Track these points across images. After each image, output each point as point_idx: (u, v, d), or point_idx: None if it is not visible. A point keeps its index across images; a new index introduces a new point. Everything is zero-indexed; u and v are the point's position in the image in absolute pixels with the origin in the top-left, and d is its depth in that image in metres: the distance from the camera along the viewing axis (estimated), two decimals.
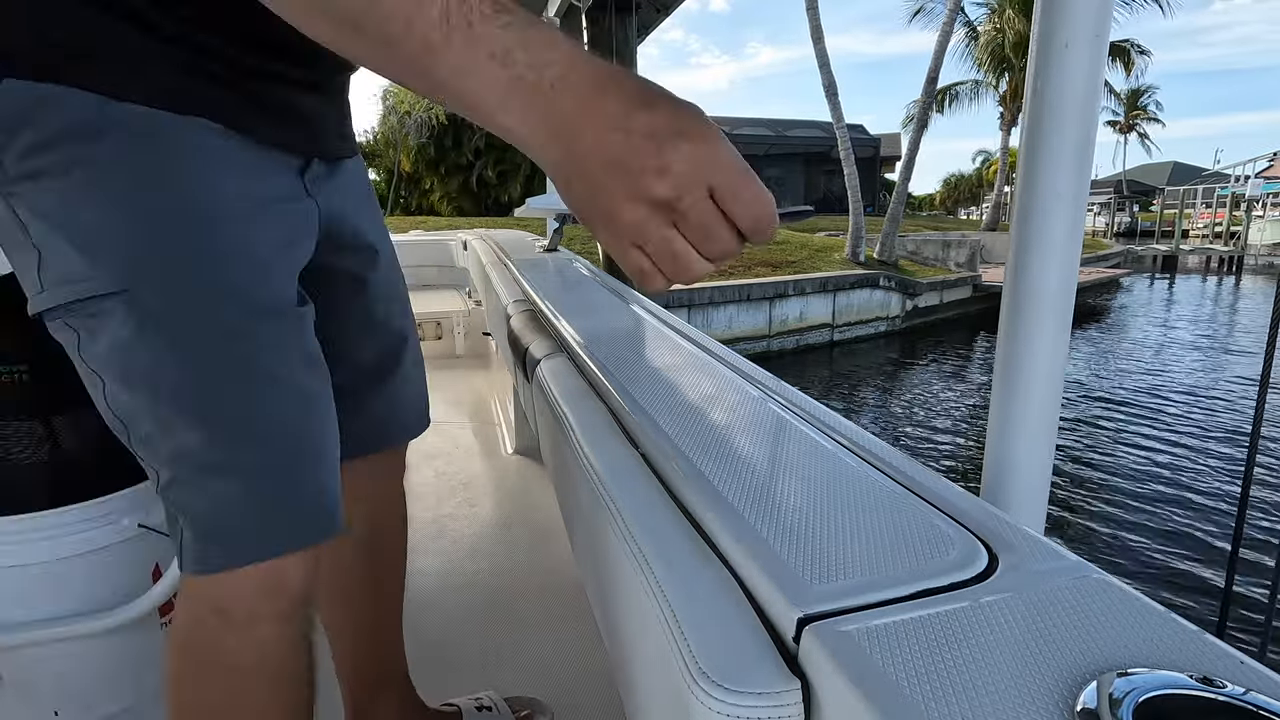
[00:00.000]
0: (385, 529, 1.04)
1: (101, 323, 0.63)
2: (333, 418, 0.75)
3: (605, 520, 0.59)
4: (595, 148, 0.41)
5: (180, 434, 0.65)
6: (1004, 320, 0.71)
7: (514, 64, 0.40)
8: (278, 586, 0.70)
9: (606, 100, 0.41)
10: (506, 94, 0.41)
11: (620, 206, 0.41)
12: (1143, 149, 42.42)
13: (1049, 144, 0.65)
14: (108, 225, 0.60)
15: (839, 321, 11.99)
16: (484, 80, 0.41)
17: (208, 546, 0.68)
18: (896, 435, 7.80)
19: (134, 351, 0.63)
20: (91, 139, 0.59)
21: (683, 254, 0.42)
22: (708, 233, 0.41)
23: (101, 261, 0.61)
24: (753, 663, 0.39)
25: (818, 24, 12.81)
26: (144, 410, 0.65)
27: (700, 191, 0.40)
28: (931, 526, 0.50)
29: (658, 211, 0.40)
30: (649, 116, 0.40)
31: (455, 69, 0.40)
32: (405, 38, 0.40)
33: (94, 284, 0.61)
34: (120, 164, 0.60)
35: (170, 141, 0.61)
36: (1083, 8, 0.62)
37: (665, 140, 0.40)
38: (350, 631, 1.04)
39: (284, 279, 0.69)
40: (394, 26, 0.40)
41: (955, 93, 26.30)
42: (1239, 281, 24.12)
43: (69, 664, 1.15)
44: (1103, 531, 5.28)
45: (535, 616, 1.56)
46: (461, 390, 3.26)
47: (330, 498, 0.73)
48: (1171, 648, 0.36)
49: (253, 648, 0.71)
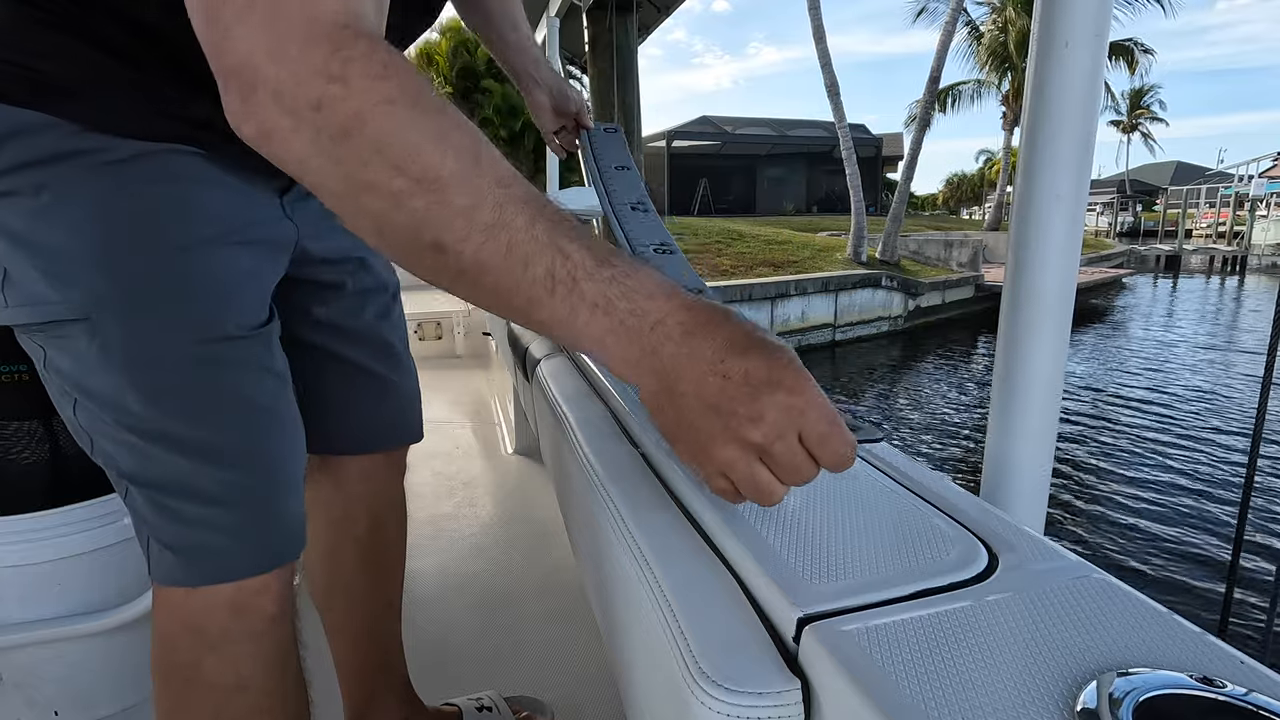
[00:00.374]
0: (385, 530, 1.04)
1: (66, 344, 0.63)
2: (299, 437, 0.75)
3: (605, 520, 0.59)
4: (693, 389, 0.43)
5: (142, 456, 0.65)
6: (1004, 320, 0.71)
7: (615, 312, 0.44)
8: (249, 605, 0.70)
9: (704, 344, 0.43)
10: (605, 335, 0.44)
11: (714, 445, 0.43)
12: (1146, 149, 42.41)
13: (1049, 144, 0.65)
14: (73, 251, 0.60)
15: (841, 321, 11.98)
16: (586, 326, 0.44)
17: (175, 563, 0.68)
18: (897, 435, 7.79)
19: (97, 375, 0.63)
20: (66, 164, 0.59)
21: (766, 484, 0.44)
22: (795, 471, 0.44)
23: (64, 287, 0.61)
24: (753, 663, 0.39)
25: (819, 23, 12.80)
26: (106, 431, 0.65)
27: (791, 438, 0.42)
28: (931, 526, 0.50)
29: (748, 451, 0.43)
30: (744, 363, 0.43)
31: (559, 319, 0.44)
32: (514, 293, 0.44)
33: (56, 309, 0.61)
34: (91, 191, 0.60)
35: (146, 169, 0.61)
36: (1083, 7, 0.62)
37: (760, 388, 0.42)
38: (350, 631, 1.04)
39: (253, 302, 0.69)
40: (504, 282, 0.43)
41: (958, 92, 26.31)
42: (1242, 281, 24.10)
43: (69, 664, 1.16)
44: (1103, 531, 5.27)
45: (535, 616, 1.56)
46: (461, 390, 3.27)
47: (295, 518, 0.73)
48: (1172, 648, 0.36)
49: (229, 666, 0.71)
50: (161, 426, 0.64)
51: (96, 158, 0.59)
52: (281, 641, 0.75)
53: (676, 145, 26.23)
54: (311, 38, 0.41)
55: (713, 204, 25.38)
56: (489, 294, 0.44)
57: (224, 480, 0.67)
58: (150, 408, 0.64)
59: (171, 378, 0.64)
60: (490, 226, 0.42)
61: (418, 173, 0.41)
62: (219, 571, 0.68)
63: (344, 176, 0.42)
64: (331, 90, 0.40)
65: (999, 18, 22.46)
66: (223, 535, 0.68)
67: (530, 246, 0.43)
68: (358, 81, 0.41)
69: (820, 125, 27.65)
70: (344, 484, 0.97)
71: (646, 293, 0.44)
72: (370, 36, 0.43)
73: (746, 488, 0.45)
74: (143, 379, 0.63)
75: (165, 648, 0.72)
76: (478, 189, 0.42)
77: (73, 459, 1.08)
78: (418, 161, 0.41)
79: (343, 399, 0.92)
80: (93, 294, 0.61)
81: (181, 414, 0.65)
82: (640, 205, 0.86)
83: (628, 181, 0.92)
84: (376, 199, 0.42)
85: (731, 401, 0.43)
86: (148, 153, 0.61)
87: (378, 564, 1.04)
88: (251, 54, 0.41)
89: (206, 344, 0.65)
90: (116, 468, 0.67)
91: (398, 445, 1.02)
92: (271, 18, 0.41)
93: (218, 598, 0.69)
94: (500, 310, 0.46)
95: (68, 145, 0.59)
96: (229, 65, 0.42)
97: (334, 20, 0.42)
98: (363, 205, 0.43)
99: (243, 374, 0.68)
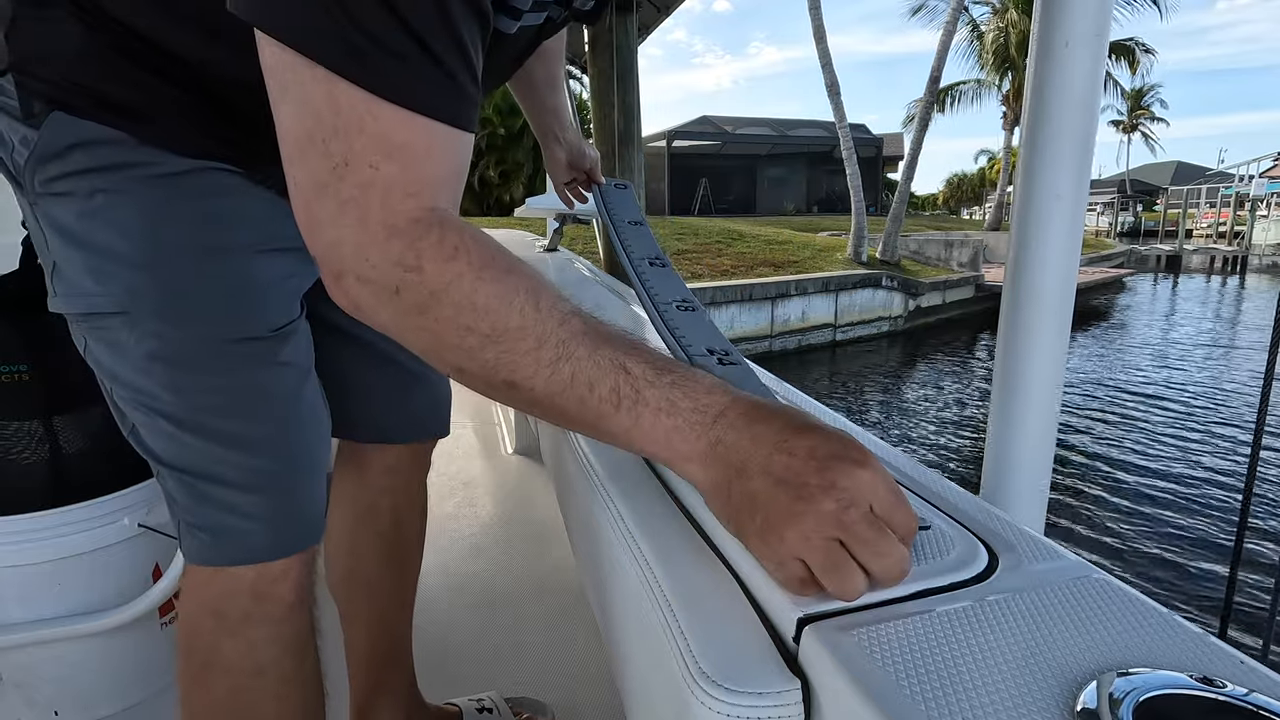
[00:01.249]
0: (406, 521, 1.07)
1: (105, 334, 0.69)
2: (324, 425, 0.79)
3: (605, 520, 0.59)
4: (760, 468, 0.45)
5: (174, 442, 0.70)
6: (1004, 320, 0.71)
7: (679, 411, 0.48)
8: (268, 592, 0.74)
9: (766, 428, 0.46)
10: (671, 434, 0.48)
11: (786, 523, 0.43)
12: (1146, 148, 42.41)
13: (1049, 144, 0.65)
14: (117, 250, 0.66)
15: (841, 321, 11.98)
16: (651, 429, 0.48)
17: (203, 543, 0.72)
18: (897, 435, 7.79)
19: (132, 365, 0.69)
20: (120, 173, 0.65)
21: (844, 565, 0.42)
22: (875, 546, 0.42)
23: (107, 282, 0.66)
24: (753, 663, 0.39)
25: (820, 23, 12.80)
26: (140, 418, 0.71)
27: (864, 507, 0.43)
28: (931, 526, 0.50)
29: (823, 524, 0.42)
30: (808, 441, 0.45)
31: (625, 428, 0.48)
32: (583, 412, 0.49)
33: (99, 301, 0.67)
34: (140, 199, 0.65)
35: (191, 183, 0.67)
36: (1083, 7, 0.62)
37: (828, 461, 0.43)
38: (365, 619, 1.06)
39: (284, 303, 0.74)
40: (572, 405, 0.49)
41: (959, 92, 26.30)
42: (1243, 281, 24.07)
43: (69, 664, 1.16)
44: (1103, 531, 5.27)
45: (535, 616, 1.56)
46: (461, 390, 3.26)
47: (317, 504, 0.77)
48: (1172, 648, 0.36)
49: (246, 650, 0.74)
50: (192, 416, 0.69)
51: (148, 169, 0.65)
52: (300, 630, 0.78)
53: (677, 145, 26.22)
54: (391, 236, 0.47)
55: (713, 204, 25.37)
56: (560, 416, 0.50)
57: (251, 467, 0.71)
58: (181, 398, 0.69)
59: (202, 371, 0.69)
60: (555, 361, 0.48)
61: (486, 329, 0.48)
62: (242, 552, 0.72)
63: (426, 339, 0.50)
64: (408, 278, 0.47)
65: (1000, 20, 22.47)
66: (248, 519, 0.72)
67: (594, 372, 0.48)
68: (430, 267, 0.47)
69: (821, 125, 27.64)
70: (368, 477, 1.01)
71: (706, 389, 0.49)
72: (442, 224, 0.49)
73: (826, 569, 0.42)
74: (174, 372, 0.68)
75: (188, 629, 0.76)
76: (541, 334, 0.48)
77: (73, 459, 1.08)
78: (485, 320, 0.48)
79: (364, 384, 0.95)
80: (132, 290, 0.66)
81: (211, 406, 0.70)
82: (658, 260, 0.91)
83: (643, 237, 0.96)
84: (455, 353, 0.50)
85: (800, 474, 0.43)
86: (194, 169, 0.67)
87: (398, 560, 1.07)
88: (339, 247, 0.48)
89: (236, 342, 0.70)
90: (150, 451, 0.72)
91: (421, 439, 1.04)
92: (360, 221, 0.47)
93: (240, 583, 0.72)
94: (575, 427, 0.51)
95: (123, 157, 0.64)
96: (321, 252, 0.50)
97: (409, 218, 0.48)
98: (445, 358, 0.51)
99: (270, 370, 0.72)
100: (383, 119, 0.46)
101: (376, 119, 0.46)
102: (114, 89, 0.64)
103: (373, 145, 0.46)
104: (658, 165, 25.17)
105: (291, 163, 0.48)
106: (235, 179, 0.70)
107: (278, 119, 0.48)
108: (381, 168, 0.47)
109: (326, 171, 0.47)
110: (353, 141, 0.46)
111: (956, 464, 6.92)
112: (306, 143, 0.47)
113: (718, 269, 11.56)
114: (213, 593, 0.73)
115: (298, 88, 0.46)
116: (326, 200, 0.47)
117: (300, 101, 0.46)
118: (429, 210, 0.49)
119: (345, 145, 0.46)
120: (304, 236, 0.50)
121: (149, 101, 0.65)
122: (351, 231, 0.47)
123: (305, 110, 0.46)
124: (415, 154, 0.48)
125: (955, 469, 6.79)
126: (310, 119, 0.46)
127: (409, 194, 0.48)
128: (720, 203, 25.90)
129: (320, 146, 0.46)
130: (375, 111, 0.46)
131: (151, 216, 0.66)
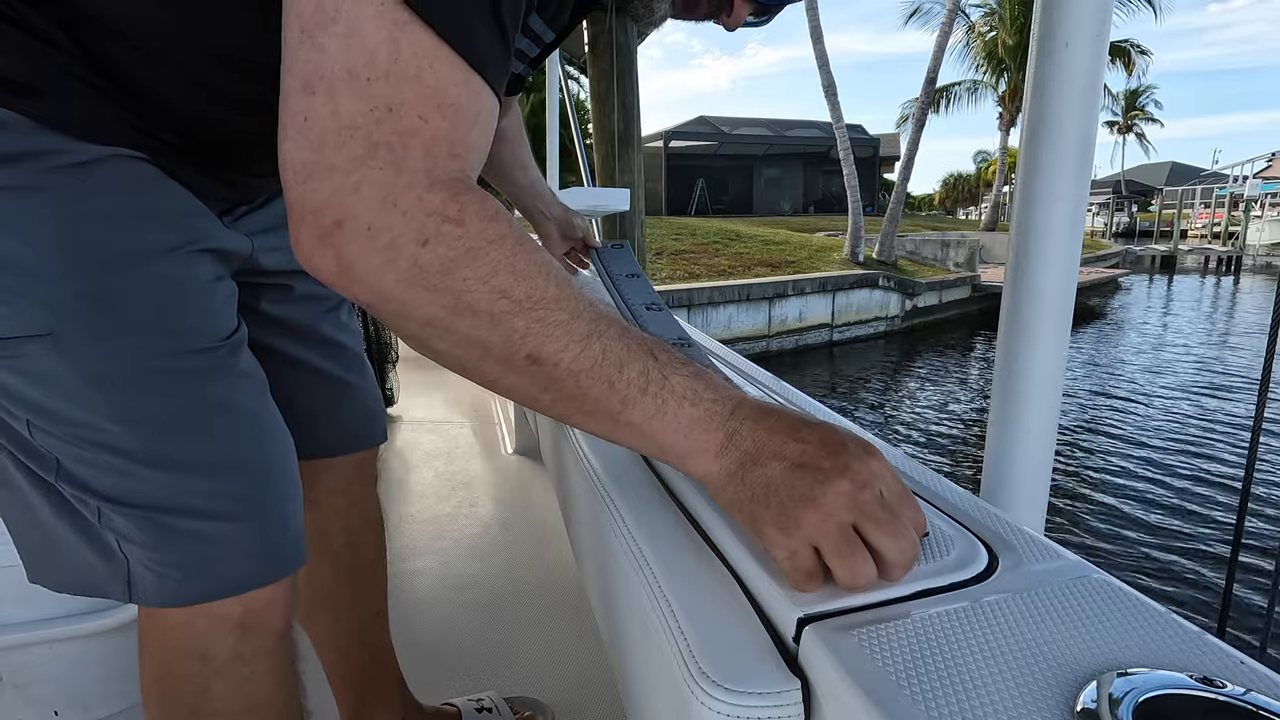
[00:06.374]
0: (360, 541, 1.02)
1: (23, 364, 0.58)
2: (289, 439, 0.72)
3: (605, 520, 0.59)
4: (778, 454, 0.45)
5: (126, 476, 0.61)
6: (1004, 320, 0.71)
7: (701, 402, 0.47)
8: (257, 622, 0.67)
9: (779, 420, 0.47)
10: (692, 426, 0.47)
11: (802, 506, 0.43)
12: (1141, 149, 42.48)
13: (1049, 144, 0.65)
14: (29, 262, 0.55)
15: (838, 321, 11.99)
16: (674, 418, 0.47)
17: (171, 582, 0.64)
18: (896, 435, 7.80)
19: (62, 395, 0.59)
20: (21, 166, 0.55)
21: (856, 550, 0.42)
22: (889, 526, 0.43)
23: (16, 303, 0.56)
24: (753, 663, 0.39)
25: (817, 24, 12.81)
26: (75, 453, 0.61)
27: (877, 489, 0.44)
28: (931, 526, 0.50)
29: (840, 505, 0.43)
30: (818, 433, 0.46)
31: (649, 414, 0.47)
32: (610, 394, 0.47)
33: (11, 325, 0.56)
34: (49, 197, 0.56)
35: (106, 174, 0.58)
36: (1083, 8, 0.62)
37: (838, 447, 0.45)
38: (337, 642, 1.03)
39: (224, 310, 0.67)
40: (597, 385, 0.46)
41: (954, 93, 26.32)
42: (1237, 281, 24.13)
43: (68, 664, 1.15)
44: (1103, 531, 5.28)
45: (535, 616, 1.56)
46: (461, 390, 3.26)
47: (299, 522, 0.71)
48: (1171, 648, 0.36)
49: (236, 690, 0.68)
50: (146, 446, 0.61)
51: (53, 160, 0.56)
52: (288, 658, 0.73)
53: (674, 145, 26.19)
54: (434, 185, 0.44)
55: (710, 204, 25.35)
56: (578, 400, 0.47)
57: (222, 492, 0.64)
58: (131, 428, 0.60)
59: (154, 393, 0.61)
60: (587, 336, 0.46)
61: (522, 295, 0.45)
62: (224, 585, 0.65)
63: (441, 302, 0.45)
64: (446, 230, 0.43)
65: (991, 19, 22.48)
66: (225, 548, 0.65)
67: (624, 353, 0.47)
68: (475, 223, 0.44)
69: (817, 125, 27.62)
70: (316, 499, 0.92)
71: (720, 381, 0.50)
72: (480, 191, 0.46)
73: (836, 550, 0.42)
74: (118, 396, 0.59)
75: (166, 678, 0.68)
76: (575, 307, 0.46)
77: None
78: (523, 285, 0.45)
79: (299, 403, 0.85)
80: (54, 308, 0.56)
81: (167, 430, 0.62)
82: (654, 305, 0.95)
83: (640, 286, 1.01)
84: (474, 321, 0.45)
85: (815, 459, 0.45)
86: (105, 157, 0.58)
87: (360, 579, 1.03)
88: (356, 190, 0.43)
89: (189, 354, 0.62)
90: (91, 490, 0.61)
91: (362, 448, 0.99)
92: (395, 165, 0.43)
93: (225, 619, 0.66)
94: (588, 414, 0.48)
95: (19, 145, 0.54)
96: (321, 198, 0.43)
97: (451, 175, 0.45)
98: (456, 327, 0.46)
99: (230, 382, 0.66)
100: (441, 72, 0.43)
101: (435, 70, 0.43)
102: (16, 68, 0.54)
103: (426, 97, 0.43)
104: (655, 165, 25.12)
105: (309, 94, 0.43)
106: (150, 169, 0.61)
107: (299, 45, 0.43)
108: (431, 121, 0.44)
109: (361, 113, 0.42)
110: (404, 89, 0.43)
111: (956, 464, 6.92)
112: (345, 78, 0.42)
113: (715, 269, 11.56)
114: (194, 634, 0.66)
115: (354, 18, 0.42)
116: (351, 142, 0.42)
117: (351, 34, 0.42)
118: (469, 175, 0.46)
119: (394, 91, 0.42)
120: (289, 180, 0.44)
121: (47, 75, 0.55)
122: (381, 174, 0.43)
123: (355, 45, 0.42)
124: (465, 115, 0.45)
125: (954, 469, 6.80)
126: (359, 55, 0.42)
127: (454, 154, 0.45)
128: (717, 203, 25.88)
129: (361, 86, 0.42)
130: (436, 64, 0.43)
131: (66, 216, 0.56)
